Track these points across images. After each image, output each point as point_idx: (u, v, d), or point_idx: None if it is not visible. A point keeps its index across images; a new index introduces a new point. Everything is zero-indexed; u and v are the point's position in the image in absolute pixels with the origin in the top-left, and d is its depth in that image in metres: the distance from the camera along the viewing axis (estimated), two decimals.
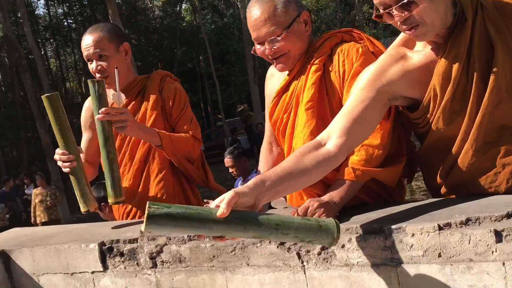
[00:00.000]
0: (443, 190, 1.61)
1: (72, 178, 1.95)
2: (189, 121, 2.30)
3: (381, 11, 1.42)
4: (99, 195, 2.85)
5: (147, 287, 1.65)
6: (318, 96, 1.70)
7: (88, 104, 2.37)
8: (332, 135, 1.44)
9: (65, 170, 1.94)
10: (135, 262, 1.66)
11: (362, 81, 1.53)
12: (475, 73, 1.44)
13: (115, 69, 2.07)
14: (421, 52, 1.52)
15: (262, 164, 2.06)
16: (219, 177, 16.24)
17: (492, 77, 1.42)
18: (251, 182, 1.28)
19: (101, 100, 1.89)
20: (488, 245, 1.23)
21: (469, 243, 1.25)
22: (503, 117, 1.46)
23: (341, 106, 1.60)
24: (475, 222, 1.28)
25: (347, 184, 1.57)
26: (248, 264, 1.50)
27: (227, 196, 1.18)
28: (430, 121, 1.52)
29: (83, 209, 1.95)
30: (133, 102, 2.28)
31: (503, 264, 1.22)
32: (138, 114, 2.26)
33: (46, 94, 1.86)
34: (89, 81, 1.90)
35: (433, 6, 1.37)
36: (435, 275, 1.28)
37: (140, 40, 31.10)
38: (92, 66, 2.20)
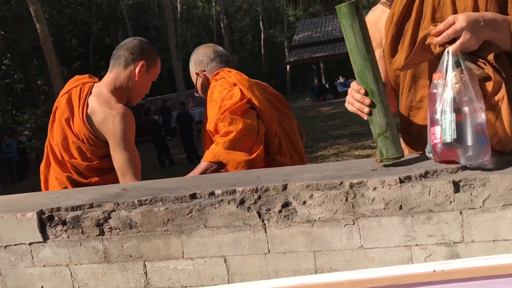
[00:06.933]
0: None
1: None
2: None
3: None
4: None
5: (94, 256, 1.54)
6: None
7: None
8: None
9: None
10: (80, 230, 1.54)
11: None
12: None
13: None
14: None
15: None
16: (143, 157, 15.85)
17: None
18: None
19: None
20: (446, 195, 1.27)
21: (429, 194, 1.28)
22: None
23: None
24: (433, 174, 1.32)
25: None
26: (206, 226, 1.44)
27: None
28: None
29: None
30: None
31: (460, 213, 1.26)
32: None
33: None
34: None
35: None
36: (396, 227, 1.31)
37: (52, 13, 29.18)
38: None
